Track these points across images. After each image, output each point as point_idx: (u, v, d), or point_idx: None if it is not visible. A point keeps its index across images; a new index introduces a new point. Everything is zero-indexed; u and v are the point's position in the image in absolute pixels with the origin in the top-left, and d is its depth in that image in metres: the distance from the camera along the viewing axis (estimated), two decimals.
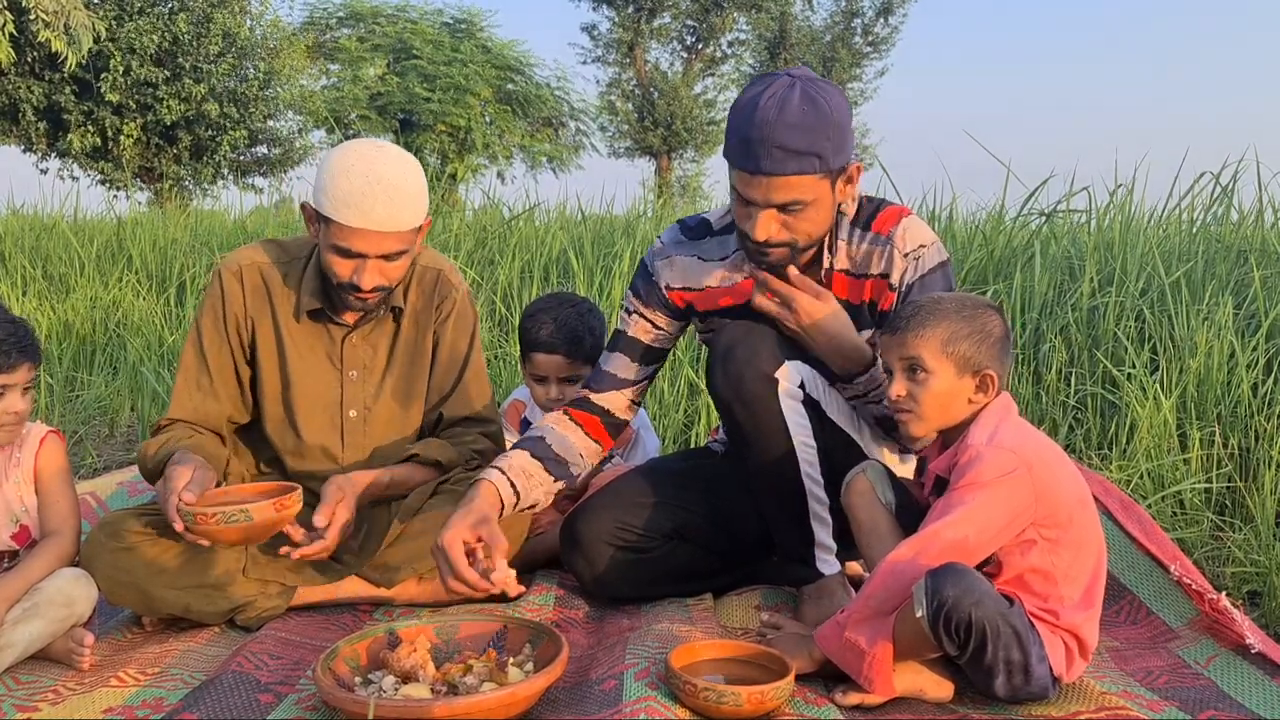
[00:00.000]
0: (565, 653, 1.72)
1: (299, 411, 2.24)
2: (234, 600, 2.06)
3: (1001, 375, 1.81)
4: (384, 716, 1.56)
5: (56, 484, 2.08)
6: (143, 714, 1.72)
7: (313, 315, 2.24)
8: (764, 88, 1.88)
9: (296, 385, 2.23)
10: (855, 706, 1.73)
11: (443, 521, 2.15)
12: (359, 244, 2.06)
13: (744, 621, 2.16)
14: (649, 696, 1.68)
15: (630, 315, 2.26)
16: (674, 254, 2.20)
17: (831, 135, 1.87)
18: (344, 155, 2.08)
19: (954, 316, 1.79)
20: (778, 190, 1.89)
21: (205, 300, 2.25)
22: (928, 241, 2.05)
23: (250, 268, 2.24)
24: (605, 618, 2.18)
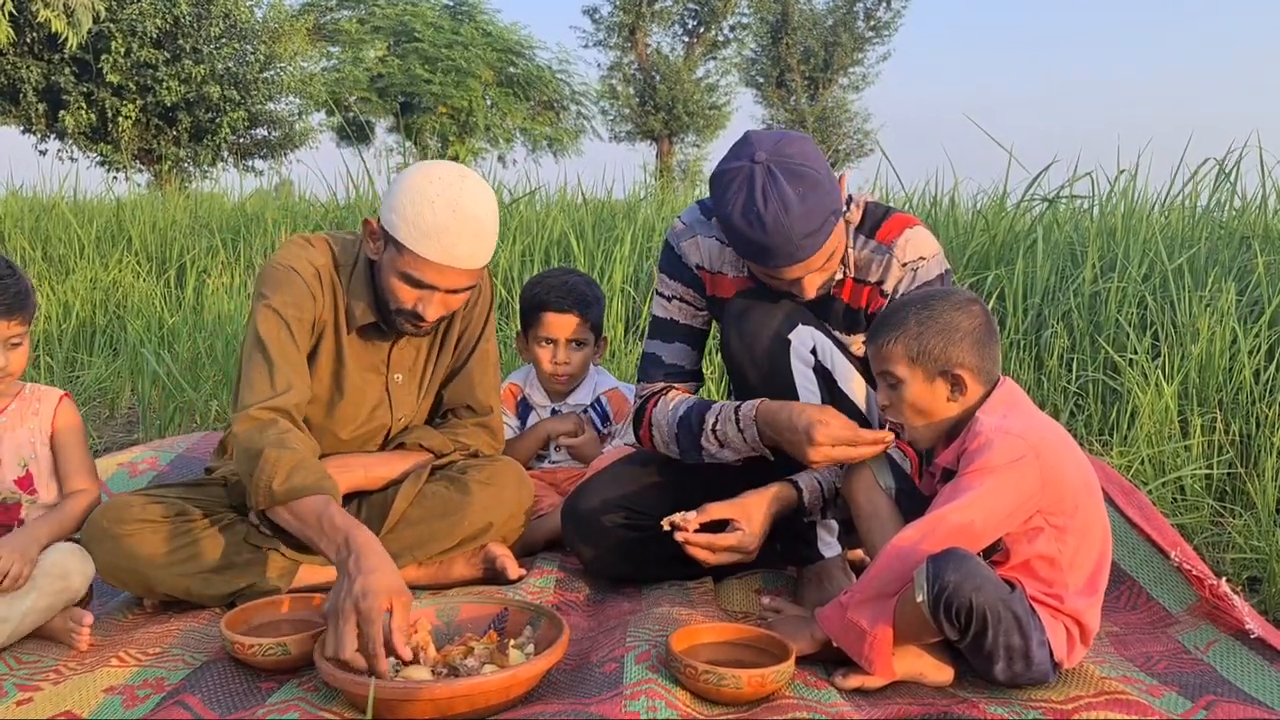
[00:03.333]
0: (566, 635, 1.72)
1: (343, 418, 2.22)
2: (234, 584, 2.06)
3: (979, 369, 1.79)
4: (385, 698, 1.56)
5: (75, 440, 2.11)
6: (144, 693, 1.72)
7: (363, 327, 2.19)
8: (746, 191, 1.85)
9: (347, 394, 2.20)
10: (855, 690, 1.73)
11: (442, 508, 2.16)
12: (433, 277, 2.00)
13: (744, 605, 2.16)
14: (650, 679, 1.68)
15: (670, 301, 2.26)
16: (698, 233, 2.20)
17: (829, 188, 1.89)
18: (427, 183, 1.98)
19: (916, 321, 1.78)
20: (816, 261, 1.93)
21: (285, 291, 2.07)
22: (929, 254, 2.05)
23: (325, 271, 2.12)
24: (605, 600, 2.18)
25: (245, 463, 1.90)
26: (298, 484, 1.84)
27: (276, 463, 1.85)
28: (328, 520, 1.80)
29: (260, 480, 1.85)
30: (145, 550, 2.00)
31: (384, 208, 2.04)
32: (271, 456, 1.86)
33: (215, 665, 1.80)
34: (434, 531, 2.16)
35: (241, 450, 1.92)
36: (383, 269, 2.06)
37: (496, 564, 2.21)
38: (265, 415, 1.94)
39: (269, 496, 1.85)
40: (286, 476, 1.84)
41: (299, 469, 1.86)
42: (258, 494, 1.86)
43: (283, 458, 1.86)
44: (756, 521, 1.96)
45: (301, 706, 1.64)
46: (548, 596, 2.16)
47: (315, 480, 1.86)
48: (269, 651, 1.75)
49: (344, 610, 1.62)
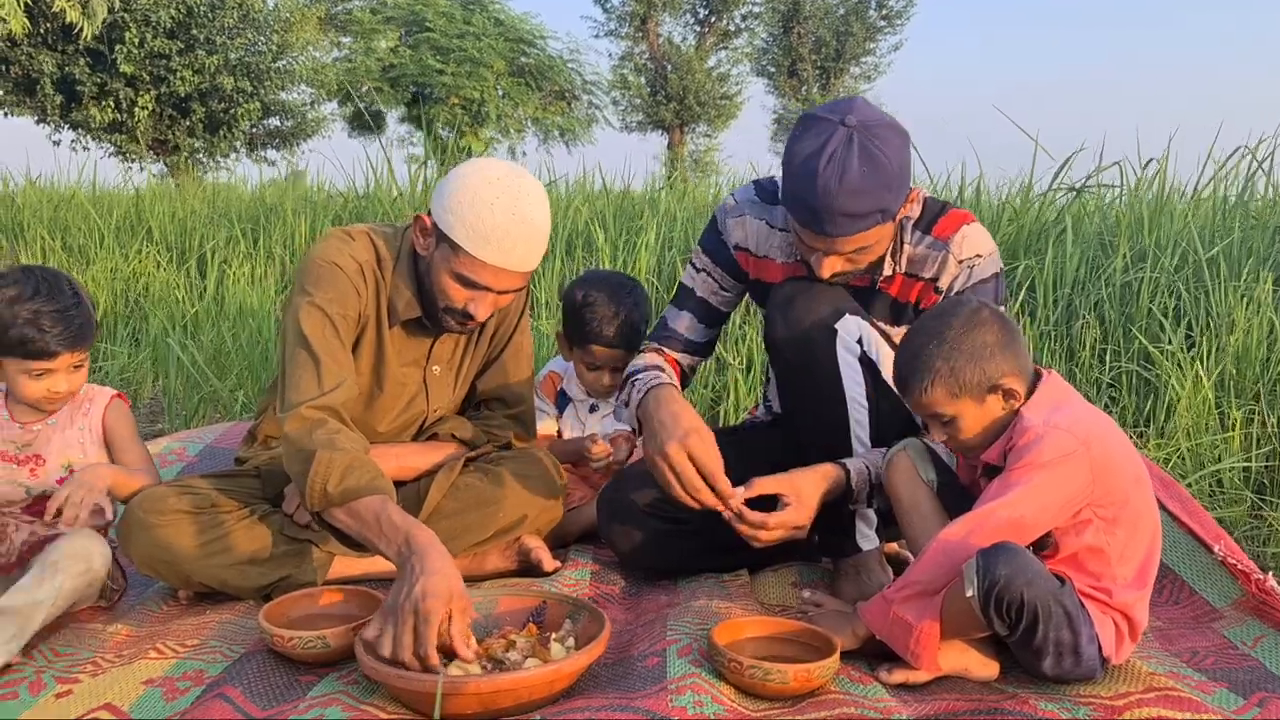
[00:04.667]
0: (607, 630, 1.70)
1: (381, 411, 2.20)
2: (270, 576, 2.05)
3: (1019, 370, 1.76)
4: (428, 691, 1.55)
5: (127, 438, 2.14)
6: (184, 685, 1.71)
7: (406, 322, 2.16)
8: (820, 144, 1.83)
9: (387, 388, 2.18)
10: (900, 684, 1.71)
11: (476, 500, 2.14)
12: (488, 279, 1.98)
13: (781, 598, 2.14)
14: (693, 673, 1.67)
15: (698, 272, 2.25)
16: (747, 213, 2.17)
17: (893, 186, 1.85)
18: (485, 184, 1.96)
19: (941, 357, 1.74)
20: (843, 244, 1.90)
21: (328, 287, 2.03)
22: (985, 251, 2.03)
23: (368, 265, 2.09)
24: (642, 593, 2.17)
25: (298, 464, 1.86)
26: (353, 485, 1.80)
27: (330, 464, 1.81)
28: (386, 520, 1.76)
29: (315, 482, 1.81)
30: (180, 542, 1.99)
31: (437, 205, 2.01)
32: (324, 458, 1.82)
33: (254, 658, 1.79)
34: (468, 523, 2.15)
35: (293, 451, 1.88)
36: (434, 267, 2.04)
37: (531, 556, 2.20)
38: (315, 415, 1.90)
39: (324, 498, 1.82)
40: (341, 477, 1.81)
41: (353, 469, 1.82)
42: (312, 496, 1.82)
43: (335, 459, 1.82)
44: (808, 497, 1.93)
45: (343, 700, 1.62)
46: (584, 589, 2.14)
47: (370, 480, 1.82)
48: (309, 645, 1.74)
49: (403, 610, 1.60)
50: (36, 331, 1.93)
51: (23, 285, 1.96)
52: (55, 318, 1.95)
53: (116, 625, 1.98)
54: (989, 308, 1.80)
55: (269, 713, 1.60)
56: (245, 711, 1.60)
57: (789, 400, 2.18)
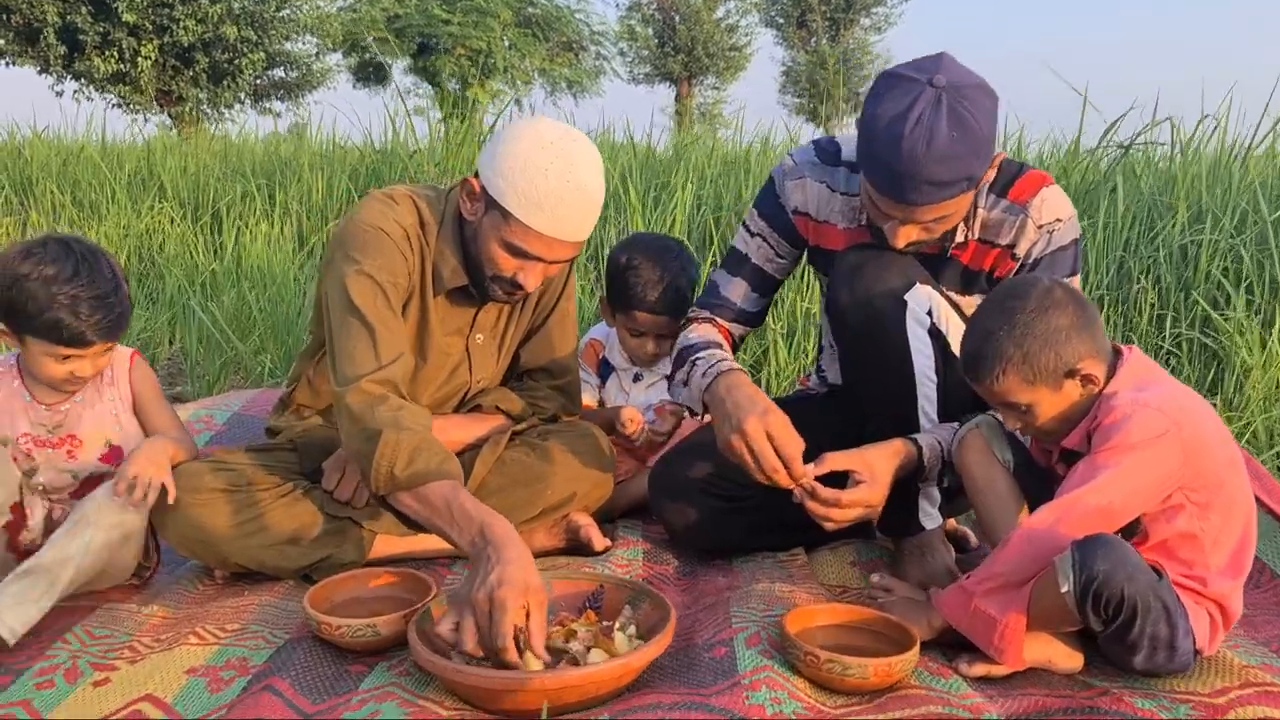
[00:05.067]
0: (674, 620, 1.61)
1: (424, 382, 2.09)
2: (310, 557, 1.96)
3: (1097, 351, 1.66)
4: (491, 688, 1.47)
5: (155, 398, 2.05)
6: (228, 675, 1.63)
7: (452, 290, 2.05)
8: (905, 105, 1.70)
9: (431, 359, 2.08)
10: (981, 678, 1.63)
11: (523, 476, 2.05)
12: (539, 249, 1.87)
13: (841, 579, 2.06)
14: (765, 666, 1.58)
15: (753, 237, 2.14)
16: (806, 175, 2.06)
17: (981, 153, 1.74)
18: (539, 150, 1.84)
19: (1013, 343, 1.64)
20: (923, 214, 1.79)
21: (376, 254, 1.91)
22: (1065, 216, 1.91)
23: (413, 230, 1.96)
24: (697, 574, 2.08)
25: (360, 442, 1.76)
26: (421, 469, 1.70)
27: (397, 445, 1.71)
28: (459, 508, 1.66)
29: (380, 464, 1.71)
30: (215, 522, 1.90)
31: (487, 169, 1.89)
32: (391, 439, 1.71)
33: (300, 645, 1.70)
34: (514, 500, 2.05)
35: (356, 429, 1.77)
36: (481, 234, 1.92)
37: (580, 535, 2.11)
38: (376, 390, 1.80)
39: (390, 481, 1.72)
40: (409, 460, 1.70)
41: (421, 452, 1.72)
42: (378, 478, 1.72)
43: (403, 440, 1.71)
44: (881, 475, 1.83)
45: (397, 693, 1.54)
46: (637, 570, 2.05)
47: (440, 463, 1.72)
48: (358, 633, 1.65)
49: (479, 600, 1.51)
50: (73, 318, 1.80)
51: (62, 264, 1.81)
52: (94, 305, 1.82)
53: (152, 607, 1.90)
54: (1062, 286, 1.69)
55: (320, 708, 1.51)
56: (296, 706, 1.52)
57: (852, 372, 2.08)
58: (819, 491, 1.78)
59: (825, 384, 2.33)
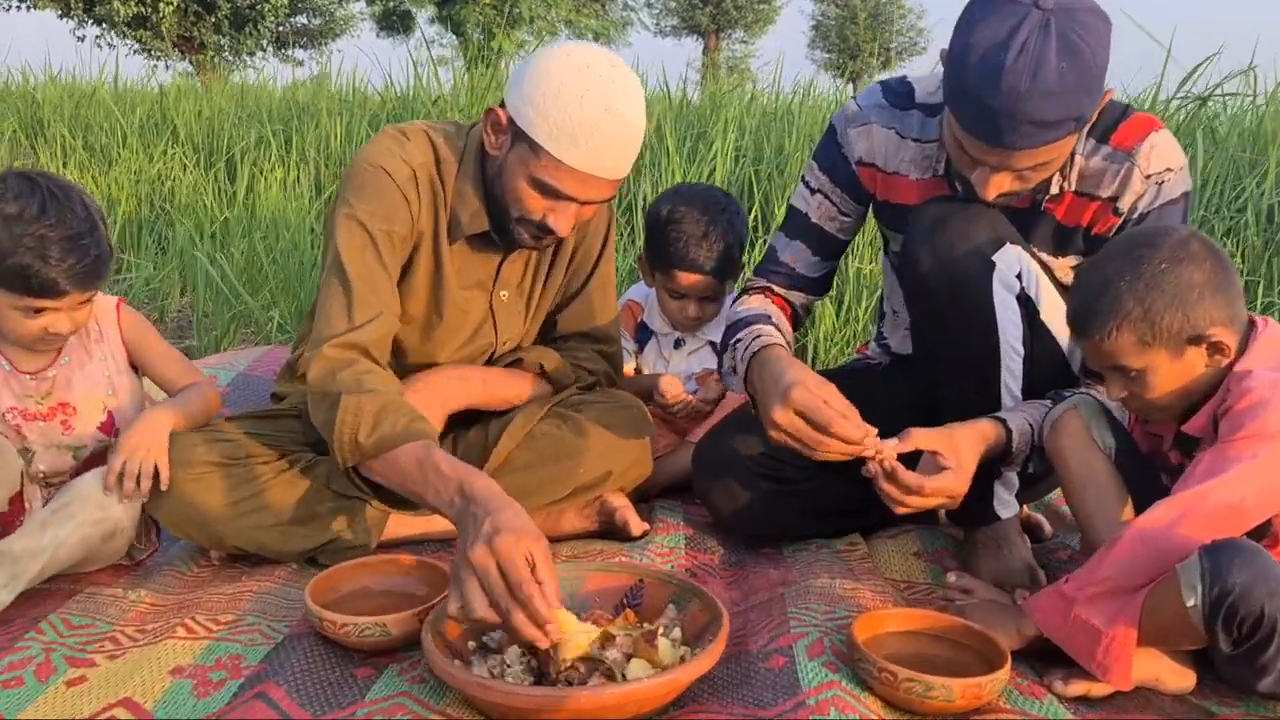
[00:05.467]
0: (726, 625, 1.40)
1: (442, 341, 1.89)
2: (315, 539, 1.76)
3: (1232, 319, 1.43)
4: (517, 706, 1.26)
5: (153, 345, 1.85)
6: (218, 677, 1.43)
7: (471, 237, 1.83)
8: (1007, 31, 1.45)
9: (447, 315, 1.86)
10: (1079, 698, 1.41)
11: (554, 451, 1.84)
12: (572, 187, 1.65)
13: (905, 572, 1.84)
14: (832, 682, 1.37)
15: (812, 194, 1.91)
16: (873, 121, 1.82)
17: (1093, 89, 1.49)
18: (574, 75, 1.62)
19: (1134, 297, 1.41)
20: (1021, 159, 1.54)
21: (371, 198, 1.71)
22: (1176, 165, 1.67)
23: (423, 170, 1.75)
24: (745, 564, 1.86)
25: (322, 412, 1.60)
26: (387, 432, 1.53)
27: (359, 410, 1.54)
28: (433, 469, 1.48)
29: (343, 433, 1.55)
30: (209, 500, 1.70)
31: (514, 96, 1.67)
32: (351, 404, 1.55)
33: (300, 643, 1.50)
34: (543, 478, 1.84)
35: (316, 398, 1.61)
36: (507, 170, 1.70)
37: (616, 517, 1.90)
38: (340, 354, 1.63)
39: (356, 450, 1.55)
40: (374, 425, 1.53)
41: (386, 414, 1.55)
42: (342, 449, 1.56)
43: (364, 403, 1.55)
44: (967, 460, 1.60)
45: (408, 705, 1.34)
46: (679, 559, 1.84)
47: (406, 424, 1.54)
48: (365, 632, 1.45)
49: (475, 559, 1.30)
50: (41, 263, 1.58)
51: (27, 201, 1.59)
52: (66, 248, 1.60)
53: (139, 591, 1.71)
54: (1200, 239, 1.45)
55: None
56: (289, 715, 1.32)
57: (926, 341, 1.84)
58: (900, 475, 1.55)
59: (889, 353, 2.10)
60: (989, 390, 1.73)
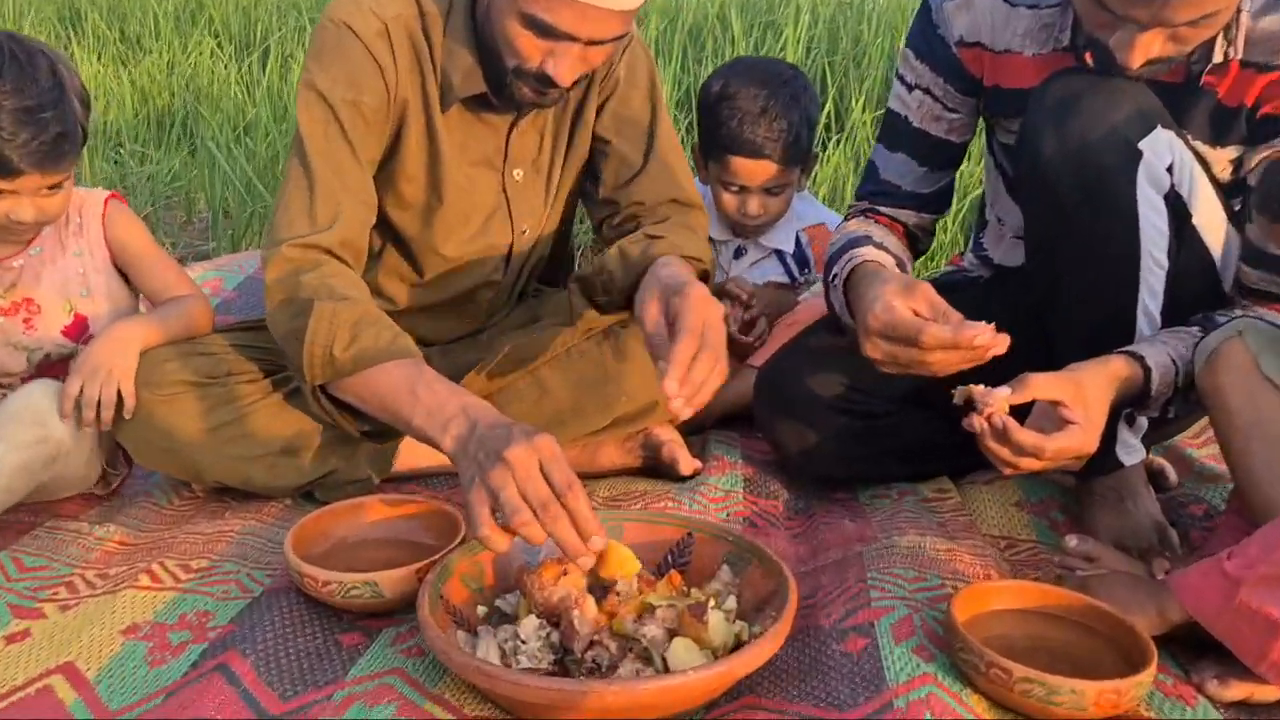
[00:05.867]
0: (794, 604, 1.12)
1: (446, 230, 1.60)
2: (310, 472, 1.50)
3: None
4: (525, 701, 1.00)
5: (149, 251, 1.63)
6: (178, 639, 1.20)
7: (468, 100, 1.53)
8: None
9: (448, 198, 1.57)
10: (1239, 702, 1.11)
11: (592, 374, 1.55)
12: (568, 21, 1.34)
13: (1005, 527, 1.54)
14: (926, 676, 1.08)
15: (910, 91, 1.59)
16: None
17: None
18: None
19: None
20: (1179, 10, 1.19)
21: (333, 63, 1.44)
22: None
23: (400, 24, 1.46)
24: (814, 513, 1.58)
25: (285, 320, 1.35)
26: (368, 346, 1.28)
27: (334, 319, 1.30)
28: (426, 390, 1.24)
29: (314, 345, 1.30)
30: (183, 425, 1.44)
31: None
32: (325, 312, 1.30)
33: (280, 599, 1.26)
34: (579, 406, 1.56)
35: (278, 303, 1.37)
36: (495, 9, 1.39)
37: (663, 453, 1.62)
38: (302, 256, 1.38)
39: (329, 366, 1.30)
40: (352, 336, 1.29)
41: (366, 325, 1.30)
42: (312, 364, 1.31)
43: (340, 312, 1.30)
44: (1097, 410, 1.27)
45: (396, 688, 1.09)
46: (737, 504, 1.56)
47: (391, 339, 1.31)
48: (353, 593, 1.20)
49: (490, 482, 1.08)
50: None
51: None
52: (23, 120, 1.36)
53: (108, 528, 1.48)
54: None
55: (288, 707, 1.07)
56: (255, 700, 1.07)
57: (1042, 250, 1.51)
58: (1013, 433, 1.23)
59: (989, 265, 1.77)
60: (1122, 313, 1.40)
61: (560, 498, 1.07)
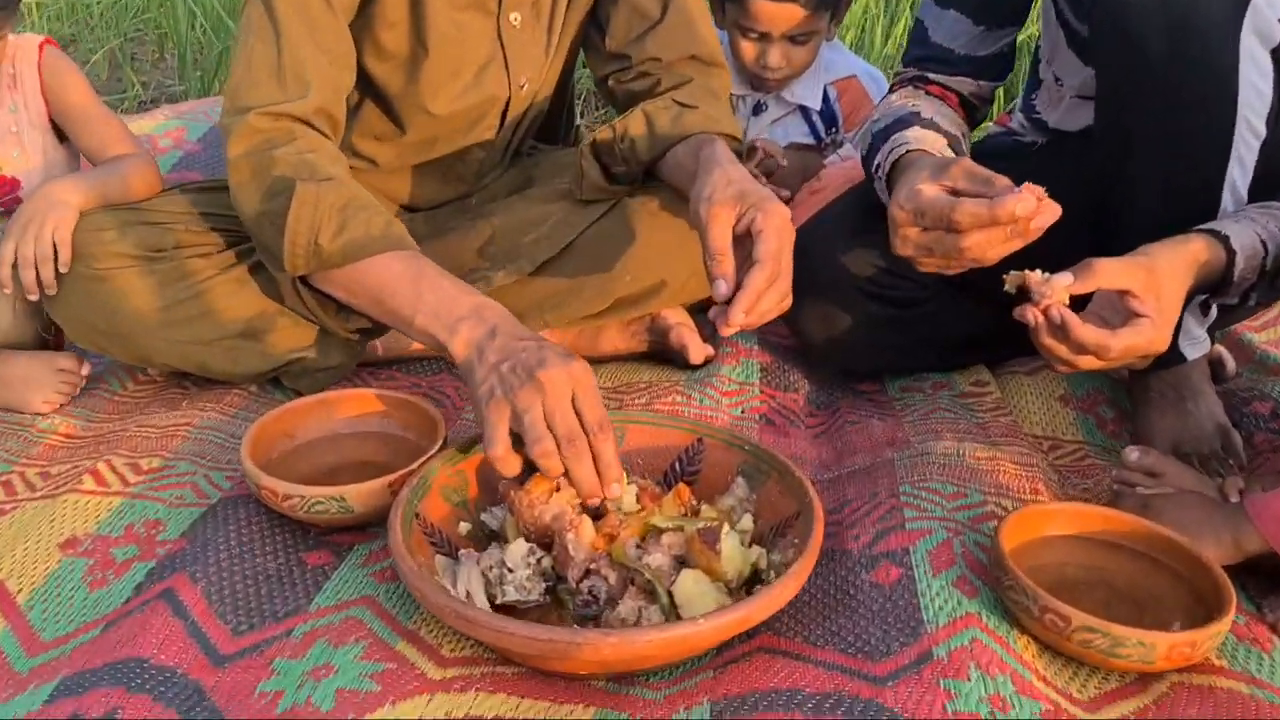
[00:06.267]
0: (819, 533, 0.97)
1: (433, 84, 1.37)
2: (273, 359, 1.34)
3: None
4: (509, 649, 0.87)
5: (89, 103, 1.46)
6: (124, 554, 1.06)
7: None
8: None
9: (434, 47, 1.34)
10: None
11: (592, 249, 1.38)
12: None
13: (1048, 425, 1.39)
14: (969, 618, 0.95)
15: None
16: None
17: None
18: None
19: None
20: None
21: None
22: None
23: None
24: (838, 407, 1.42)
25: (257, 200, 1.16)
26: (358, 235, 1.11)
27: (318, 204, 1.11)
28: (430, 286, 1.09)
29: (297, 235, 1.12)
30: (126, 305, 1.27)
31: None
32: (308, 194, 1.11)
33: (238, 510, 1.11)
34: (577, 285, 1.38)
35: (247, 183, 1.17)
36: None
37: (671, 338, 1.45)
38: (273, 127, 1.17)
39: (313, 256, 1.13)
40: (340, 225, 1.11)
41: (355, 211, 1.13)
42: (295, 255, 1.14)
43: (325, 195, 1.12)
44: (1171, 305, 1.09)
45: (365, 622, 0.96)
46: (752, 399, 1.40)
47: (384, 227, 1.13)
48: (317, 508, 1.05)
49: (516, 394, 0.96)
50: None
51: None
52: None
53: (52, 418, 1.33)
54: None
55: (241, 644, 0.94)
56: (204, 637, 0.94)
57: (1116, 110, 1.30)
58: (1073, 328, 1.05)
59: (1043, 129, 1.56)
60: (1205, 187, 1.21)
61: (589, 435, 0.96)
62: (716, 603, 0.94)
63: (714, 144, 1.19)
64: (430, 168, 1.49)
